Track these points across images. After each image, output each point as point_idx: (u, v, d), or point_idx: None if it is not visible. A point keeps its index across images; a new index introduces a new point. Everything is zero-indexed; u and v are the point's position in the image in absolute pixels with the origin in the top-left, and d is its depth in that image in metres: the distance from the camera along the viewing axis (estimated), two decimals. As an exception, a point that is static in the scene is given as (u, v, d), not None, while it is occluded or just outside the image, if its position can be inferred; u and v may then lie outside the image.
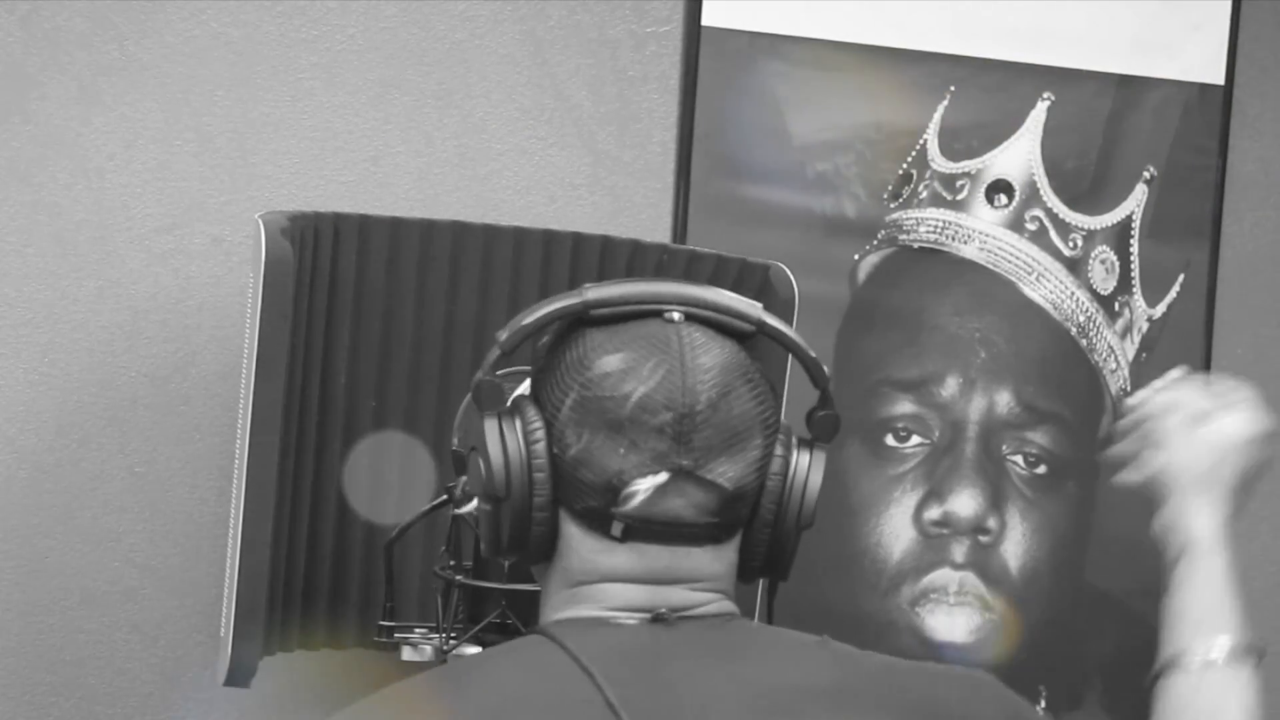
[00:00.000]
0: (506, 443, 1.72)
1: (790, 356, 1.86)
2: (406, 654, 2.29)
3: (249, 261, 2.22)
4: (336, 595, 2.35)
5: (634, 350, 1.72)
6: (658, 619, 1.71)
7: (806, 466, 1.78)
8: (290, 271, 2.15)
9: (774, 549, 1.78)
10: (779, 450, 1.75)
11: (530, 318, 1.77)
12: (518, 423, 1.73)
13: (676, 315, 1.75)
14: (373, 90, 2.69)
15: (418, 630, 2.31)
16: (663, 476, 1.68)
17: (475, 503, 1.86)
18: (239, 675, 2.16)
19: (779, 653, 1.73)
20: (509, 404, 1.76)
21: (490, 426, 1.73)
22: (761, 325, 1.79)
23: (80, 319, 2.57)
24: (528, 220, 2.56)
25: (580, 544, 1.73)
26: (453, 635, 2.20)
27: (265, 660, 2.21)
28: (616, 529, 1.70)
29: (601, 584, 1.73)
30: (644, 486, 1.68)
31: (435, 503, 2.23)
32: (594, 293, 1.76)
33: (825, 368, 1.83)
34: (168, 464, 2.60)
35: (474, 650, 2.19)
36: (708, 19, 2.82)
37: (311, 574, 2.32)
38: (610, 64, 2.80)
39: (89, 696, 2.58)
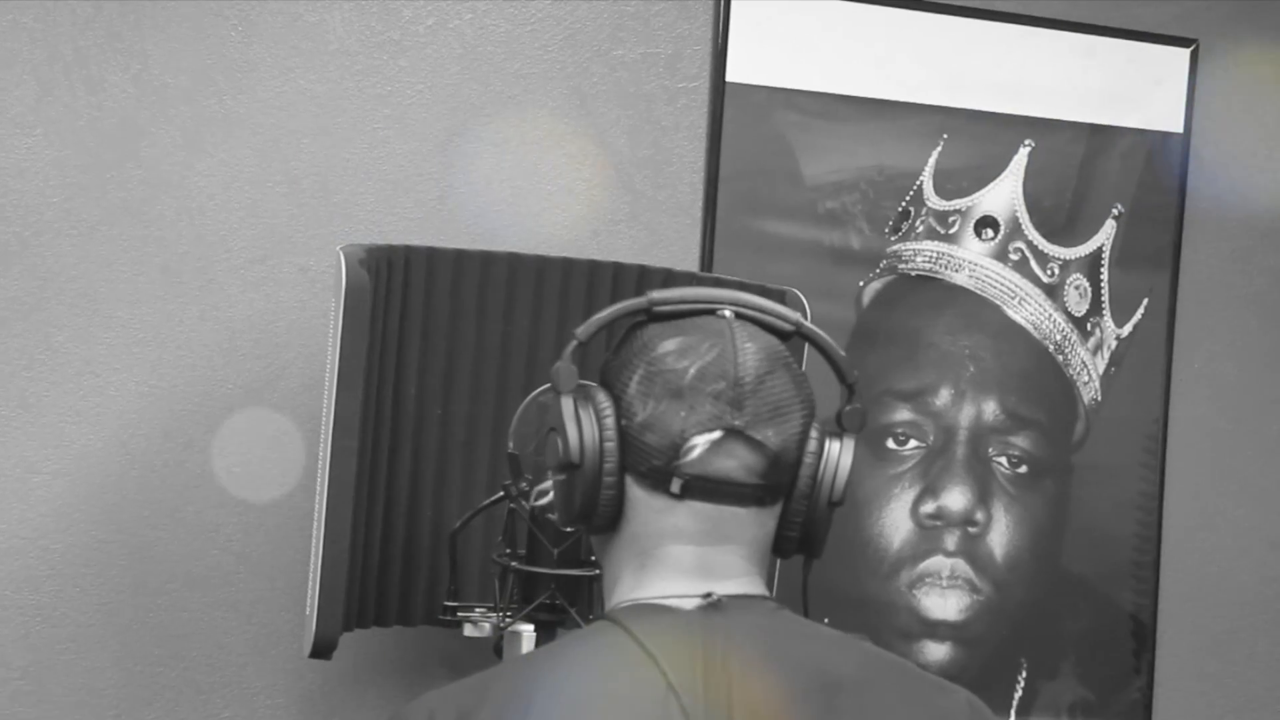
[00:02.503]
0: (580, 418, 1.72)
1: (805, 359, 1.84)
2: (468, 630, 2.29)
3: (331, 288, 2.21)
4: (407, 579, 2.35)
5: (691, 335, 1.73)
6: (711, 605, 1.70)
7: (839, 450, 1.77)
8: (367, 297, 2.15)
9: (809, 522, 1.77)
10: (814, 433, 1.75)
11: (603, 314, 1.79)
12: (589, 402, 1.73)
13: (728, 312, 1.77)
14: (439, 138, 2.69)
15: (478, 610, 2.31)
16: (717, 434, 1.69)
17: (548, 489, 1.85)
18: (322, 648, 2.16)
19: (817, 643, 1.73)
20: (580, 388, 1.76)
21: (566, 404, 1.73)
22: (799, 326, 1.80)
23: (184, 338, 2.57)
24: (574, 252, 2.54)
25: (644, 506, 1.73)
26: (508, 614, 2.20)
27: (344, 635, 2.20)
28: (676, 485, 1.69)
29: (662, 547, 1.73)
30: (702, 441, 1.68)
31: (493, 498, 2.23)
32: (657, 294, 1.78)
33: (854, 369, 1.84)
34: (260, 465, 2.60)
35: (527, 627, 2.19)
36: (731, 76, 2.82)
37: (385, 560, 2.31)
38: (646, 116, 2.80)
39: (191, 667, 2.58)
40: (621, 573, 1.77)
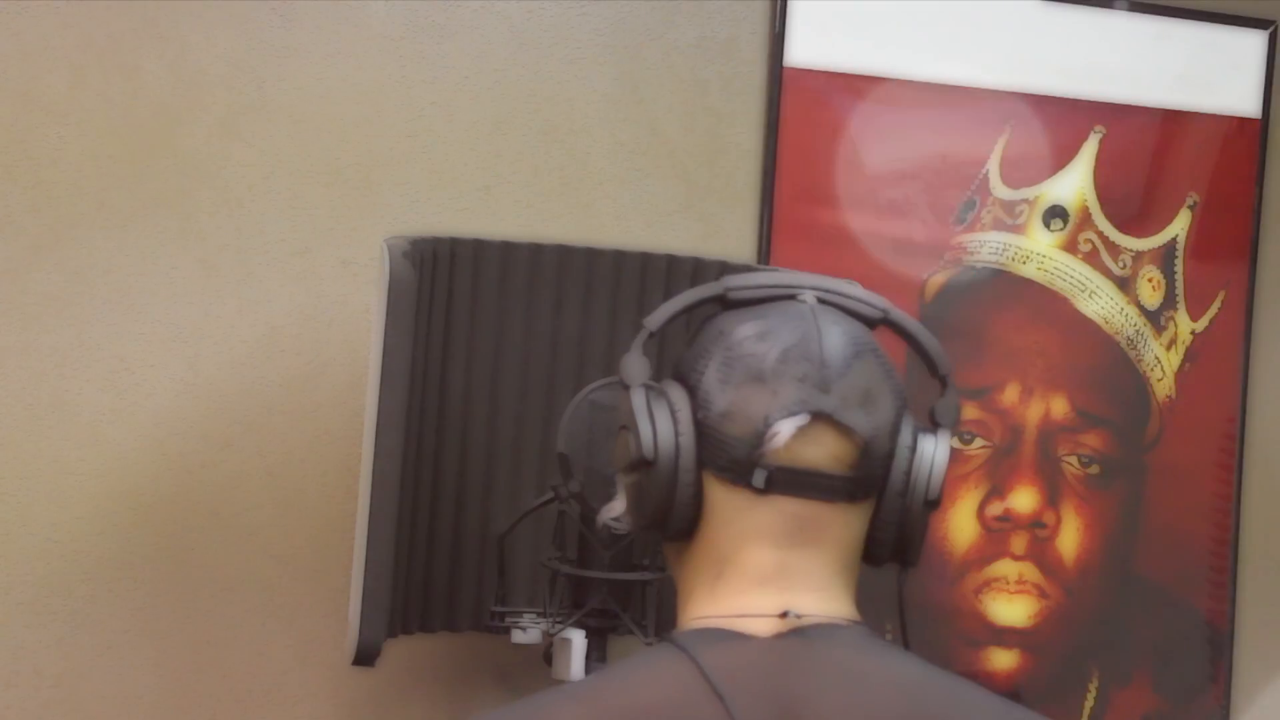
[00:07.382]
0: (653, 412, 1.65)
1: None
2: (516, 637, 2.28)
3: (374, 281, 2.22)
4: (453, 583, 2.34)
5: (772, 319, 1.65)
6: (790, 632, 1.61)
7: (934, 445, 1.68)
8: (411, 290, 2.13)
9: (904, 524, 1.68)
10: (908, 424, 1.67)
11: (674, 301, 1.71)
12: (662, 396, 1.65)
13: (809, 297, 1.69)
14: (485, 126, 2.68)
15: (526, 615, 2.31)
16: (804, 418, 1.60)
17: (618, 507, 1.79)
18: (365, 656, 2.14)
19: (907, 684, 1.61)
20: (649, 385, 1.68)
21: (637, 398, 1.66)
22: (887, 313, 1.73)
23: (222, 334, 2.56)
24: (626, 243, 2.54)
25: (724, 505, 1.64)
26: (558, 620, 2.20)
27: (389, 642, 2.19)
28: (759, 478, 1.60)
29: (741, 551, 1.63)
30: (787, 426, 1.59)
31: (543, 500, 2.22)
32: (732, 280, 1.71)
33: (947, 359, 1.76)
34: (301, 466, 2.59)
35: (578, 634, 2.18)
36: (789, 60, 2.80)
37: (430, 564, 2.31)
38: (701, 102, 2.78)
39: (229, 675, 2.57)
40: (696, 586, 1.68)
